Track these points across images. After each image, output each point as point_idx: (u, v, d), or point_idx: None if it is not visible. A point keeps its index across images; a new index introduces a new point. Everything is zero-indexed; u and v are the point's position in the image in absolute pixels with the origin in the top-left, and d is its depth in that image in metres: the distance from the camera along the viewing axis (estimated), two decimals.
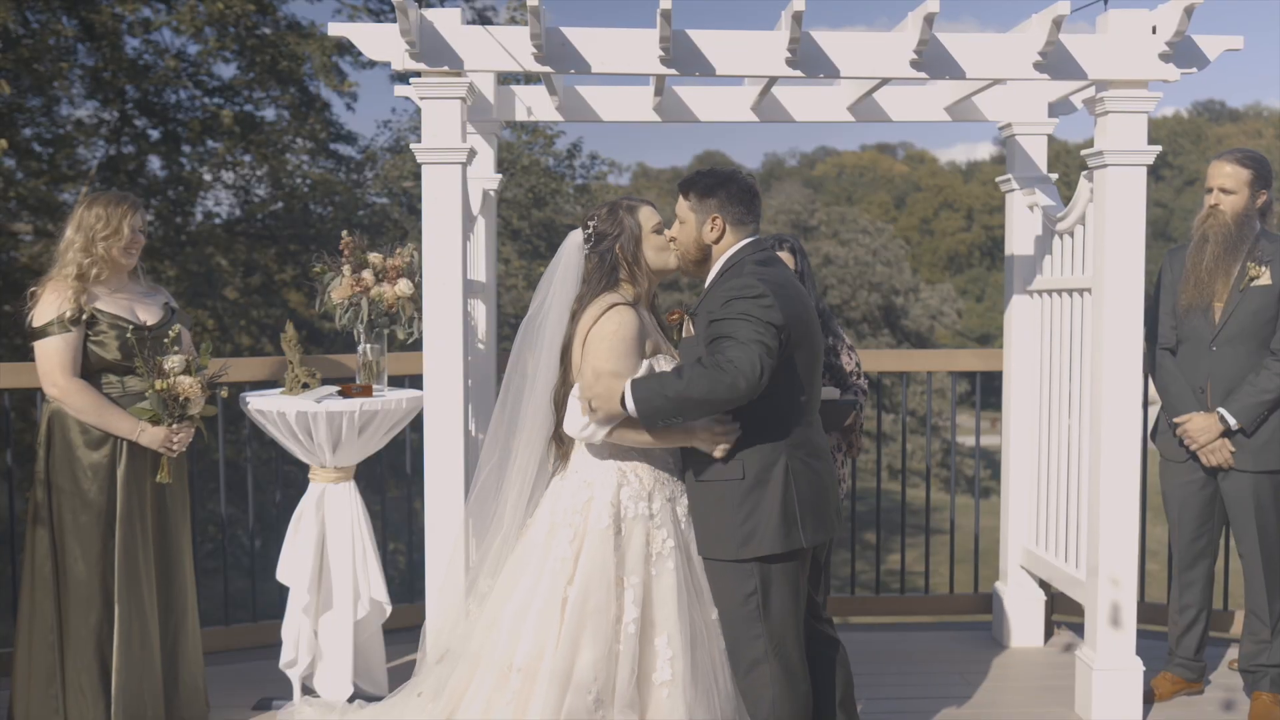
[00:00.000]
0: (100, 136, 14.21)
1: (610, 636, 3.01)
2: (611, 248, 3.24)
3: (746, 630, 3.09)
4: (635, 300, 3.23)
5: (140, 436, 3.76)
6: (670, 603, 3.05)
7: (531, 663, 3.01)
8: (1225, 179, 4.18)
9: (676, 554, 3.11)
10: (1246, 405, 4.04)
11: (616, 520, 3.09)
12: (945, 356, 5.23)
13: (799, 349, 3.06)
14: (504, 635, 3.08)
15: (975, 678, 4.61)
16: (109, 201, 3.86)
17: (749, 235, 3.22)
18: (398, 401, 4.11)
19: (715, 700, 3.04)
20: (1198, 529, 4.30)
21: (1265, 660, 4.20)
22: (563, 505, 3.15)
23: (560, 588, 3.05)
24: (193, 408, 3.79)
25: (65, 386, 3.71)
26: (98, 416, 3.73)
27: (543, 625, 3.03)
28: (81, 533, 3.72)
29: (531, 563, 3.12)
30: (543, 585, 3.07)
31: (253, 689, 4.41)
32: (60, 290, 3.77)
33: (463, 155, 3.89)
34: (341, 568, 4.14)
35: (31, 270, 12.96)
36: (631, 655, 3.00)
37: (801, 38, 3.79)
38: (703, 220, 3.20)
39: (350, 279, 4.15)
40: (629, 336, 3.08)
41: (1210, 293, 4.14)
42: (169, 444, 3.79)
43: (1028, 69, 3.90)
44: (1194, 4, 3.72)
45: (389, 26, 3.81)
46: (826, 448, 3.21)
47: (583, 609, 3.01)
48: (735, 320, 2.96)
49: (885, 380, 17.09)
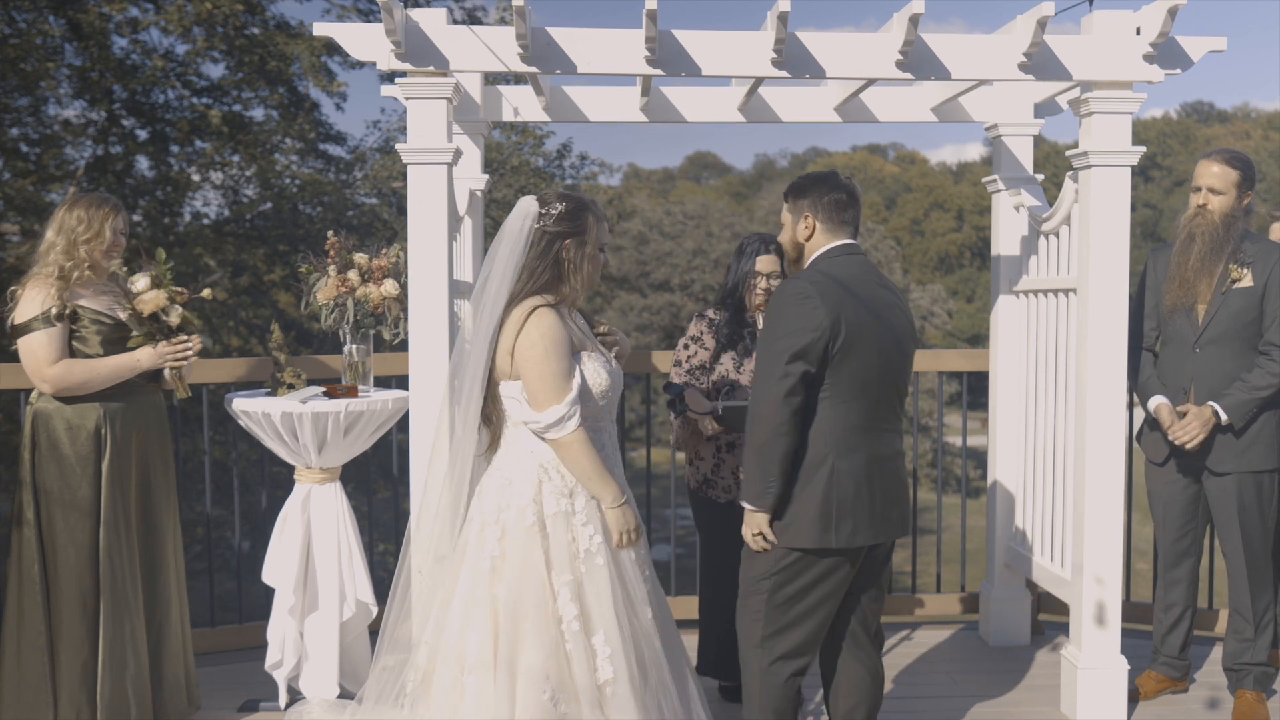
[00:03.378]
0: (88, 137, 14.17)
1: (555, 636, 3.03)
2: (556, 246, 3.19)
3: (754, 608, 3.20)
4: (560, 302, 3.21)
5: (140, 364, 3.79)
6: (605, 600, 3.08)
7: (479, 663, 3.02)
8: (1214, 179, 4.19)
9: (605, 550, 3.13)
10: (1240, 401, 4.05)
11: (540, 517, 3.11)
12: (932, 357, 5.23)
13: (852, 352, 3.10)
14: (452, 637, 3.09)
15: (961, 677, 4.62)
16: (90, 204, 3.85)
17: (843, 238, 3.26)
18: (383, 402, 4.10)
19: (665, 701, 3.06)
20: (1182, 529, 4.32)
21: (1249, 659, 4.22)
22: (488, 503, 3.16)
23: (490, 587, 3.08)
24: (172, 317, 3.79)
25: (54, 373, 3.70)
26: (96, 372, 3.75)
27: (482, 625, 3.05)
28: (72, 533, 3.72)
29: (466, 563, 3.14)
30: (478, 586, 3.09)
31: (240, 690, 4.39)
32: (43, 287, 3.77)
33: (448, 155, 3.89)
34: (327, 569, 4.14)
35: (18, 270, 12.92)
36: (583, 652, 3.01)
37: (788, 39, 3.80)
38: (796, 220, 3.28)
39: (336, 279, 4.14)
40: (555, 335, 3.09)
41: (1195, 293, 4.15)
42: (166, 359, 3.81)
43: (1012, 70, 3.91)
44: (1177, 5, 3.73)
45: (374, 26, 3.80)
46: (893, 454, 3.24)
47: (517, 609, 3.03)
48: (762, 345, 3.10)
49: None
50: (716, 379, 4.24)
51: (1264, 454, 4.14)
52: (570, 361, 3.10)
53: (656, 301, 35.49)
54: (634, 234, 36.68)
